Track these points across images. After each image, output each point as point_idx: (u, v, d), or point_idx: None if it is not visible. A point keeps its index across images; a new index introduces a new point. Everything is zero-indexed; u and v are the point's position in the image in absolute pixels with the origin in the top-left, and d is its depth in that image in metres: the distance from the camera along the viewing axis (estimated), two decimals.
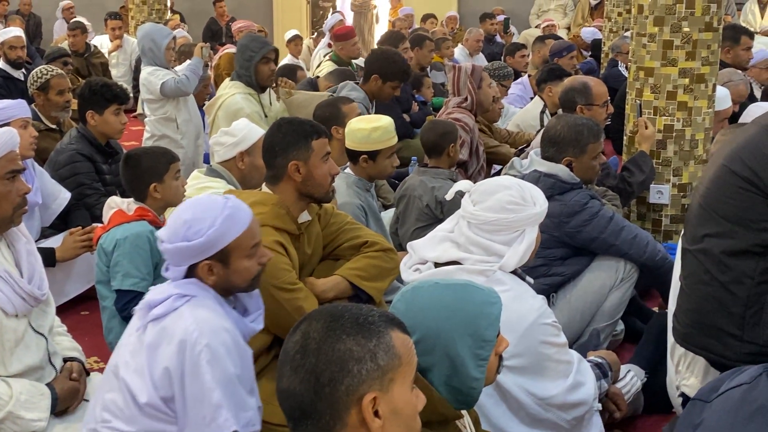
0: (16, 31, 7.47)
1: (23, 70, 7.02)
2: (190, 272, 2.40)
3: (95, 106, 4.55)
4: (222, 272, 2.41)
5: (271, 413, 2.87)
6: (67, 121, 5.54)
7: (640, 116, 4.72)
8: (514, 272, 2.78)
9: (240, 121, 4.11)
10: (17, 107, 4.26)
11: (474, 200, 2.83)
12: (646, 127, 4.65)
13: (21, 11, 13.30)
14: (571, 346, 2.99)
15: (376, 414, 1.51)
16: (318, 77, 6.73)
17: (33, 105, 5.20)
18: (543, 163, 3.71)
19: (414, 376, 1.60)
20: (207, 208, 2.39)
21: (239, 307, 2.54)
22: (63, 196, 4.47)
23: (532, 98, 7.09)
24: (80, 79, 8.07)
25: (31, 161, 4.23)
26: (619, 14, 9.04)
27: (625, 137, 4.96)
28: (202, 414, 2.27)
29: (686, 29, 4.57)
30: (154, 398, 2.29)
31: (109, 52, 9.94)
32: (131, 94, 6.63)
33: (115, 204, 3.56)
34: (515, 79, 7.78)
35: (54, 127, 5.34)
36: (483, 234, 2.77)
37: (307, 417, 1.50)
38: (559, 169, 3.66)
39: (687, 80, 4.61)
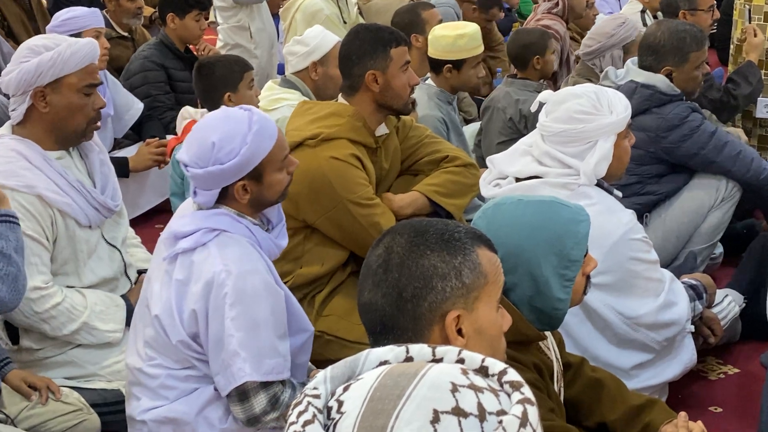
0: None
1: None
2: (222, 193, 2.35)
3: (177, 10, 4.62)
4: (255, 189, 2.36)
5: (345, 329, 2.97)
6: (138, 29, 5.61)
7: (749, 23, 4.55)
8: (600, 185, 2.77)
9: (314, 28, 4.12)
10: (90, 16, 4.33)
11: (547, 110, 2.81)
12: (755, 35, 4.49)
13: None
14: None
15: (459, 332, 1.52)
16: None
17: (104, 11, 5.27)
18: (640, 73, 3.63)
19: (500, 296, 1.62)
20: (233, 125, 2.31)
21: (264, 221, 2.51)
22: (136, 107, 4.58)
23: None
24: None
25: (103, 72, 4.33)
26: None
27: (731, 46, 4.81)
28: (221, 358, 2.31)
29: None
30: (184, 336, 2.34)
31: None
32: None
33: (188, 114, 3.64)
34: None
35: (125, 34, 5.42)
36: (555, 146, 2.76)
37: (388, 332, 1.53)
38: (658, 80, 3.57)
39: None
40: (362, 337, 1.61)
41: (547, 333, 2.14)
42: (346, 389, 1.02)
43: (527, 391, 1.01)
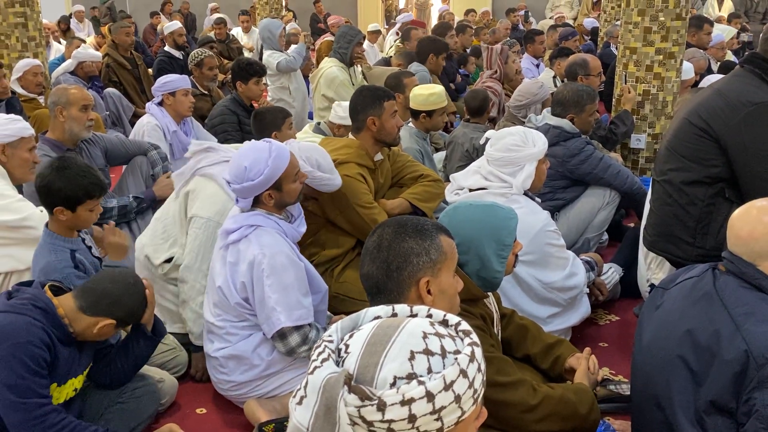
0: (179, 24, 7.49)
1: (182, 52, 7.05)
2: (255, 199, 2.33)
3: (242, 78, 4.57)
4: (278, 195, 2.33)
5: (354, 291, 2.94)
6: (215, 89, 5.58)
7: (625, 84, 4.54)
8: (526, 194, 2.75)
9: (347, 104, 4.03)
10: (182, 80, 4.28)
11: (491, 144, 2.80)
12: (630, 92, 4.48)
13: (181, 10, 13.32)
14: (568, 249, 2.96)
15: (428, 292, 1.52)
16: (390, 57, 6.63)
17: (191, 77, 5.25)
18: (552, 118, 3.61)
19: (455, 268, 1.61)
20: (259, 153, 2.28)
21: (288, 215, 2.47)
22: (212, 141, 4.52)
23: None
24: (223, 59, 8.06)
25: (190, 118, 4.30)
26: (612, 7, 8.59)
27: (613, 99, 4.78)
28: (264, 313, 2.28)
29: (662, 18, 4.33)
30: (239, 299, 2.32)
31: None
32: None
33: None
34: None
35: (206, 93, 5.39)
36: (496, 168, 2.75)
37: (380, 293, 1.52)
38: (564, 123, 3.56)
39: (661, 57, 4.39)
40: (366, 296, 1.59)
41: (489, 293, 2.12)
42: (351, 336, 1.01)
43: (475, 337, 1.00)
